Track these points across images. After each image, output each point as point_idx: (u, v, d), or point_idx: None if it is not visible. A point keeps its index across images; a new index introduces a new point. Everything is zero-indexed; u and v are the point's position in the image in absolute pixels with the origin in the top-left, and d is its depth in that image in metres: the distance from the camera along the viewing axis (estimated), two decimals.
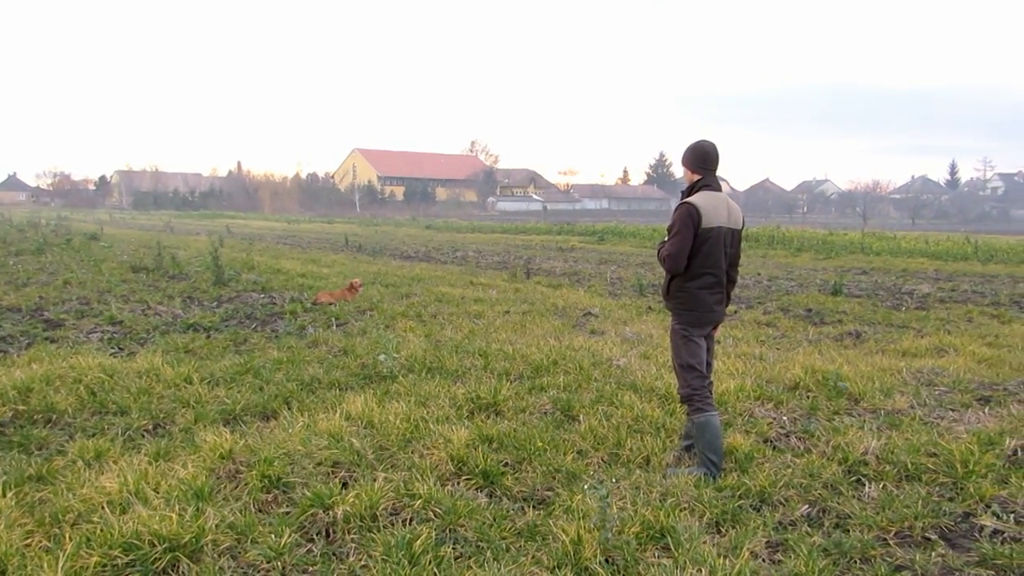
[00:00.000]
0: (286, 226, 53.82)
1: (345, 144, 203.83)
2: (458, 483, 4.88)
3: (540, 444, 5.46)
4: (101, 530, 3.93)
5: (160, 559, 3.76)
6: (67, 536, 3.92)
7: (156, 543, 3.82)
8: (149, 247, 22.05)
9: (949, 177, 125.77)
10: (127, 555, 3.75)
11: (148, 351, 8.39)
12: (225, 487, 4.75)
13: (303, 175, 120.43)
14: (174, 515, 4.06)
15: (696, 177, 5.15)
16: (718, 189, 5.17)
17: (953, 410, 6.66)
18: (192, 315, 11.01)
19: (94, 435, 5.71)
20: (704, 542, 4.11)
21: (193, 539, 3.90)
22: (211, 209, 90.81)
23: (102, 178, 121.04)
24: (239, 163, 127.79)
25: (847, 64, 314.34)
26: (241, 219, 66.68)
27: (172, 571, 3.75)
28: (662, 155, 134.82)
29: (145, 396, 6.66)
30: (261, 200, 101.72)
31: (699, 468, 5.04)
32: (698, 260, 5.03)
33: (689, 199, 5.05)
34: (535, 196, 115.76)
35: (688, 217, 4.97)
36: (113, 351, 8.55)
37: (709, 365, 5.34)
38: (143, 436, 5.79)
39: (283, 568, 3.80)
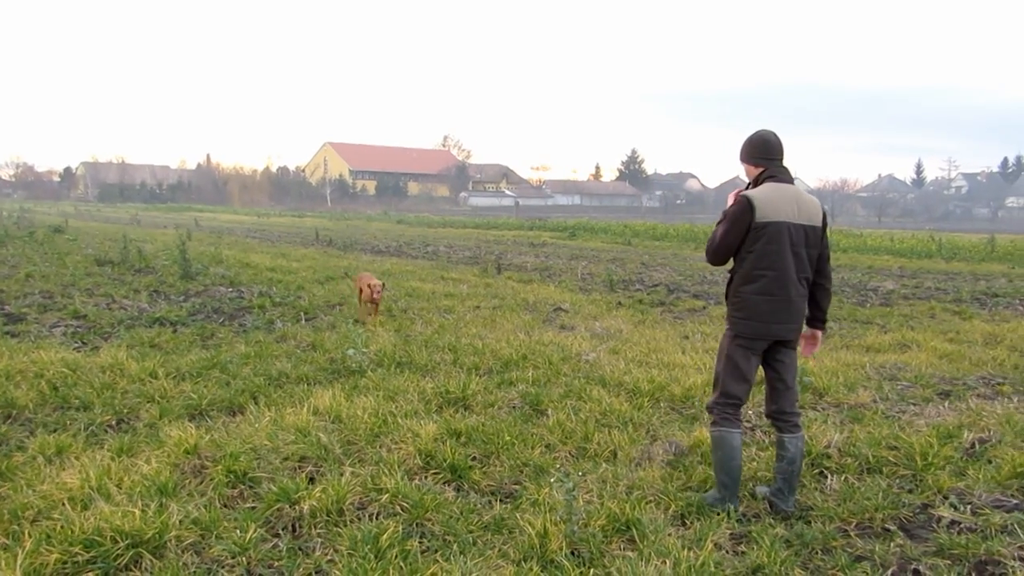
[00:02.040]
0: (256, 220, 53.30)
1: (316, 137, 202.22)
2: (426, 477, 4.89)
3: (508, 438, 5.48)
4: (62, 527, 3.87)
5: (122, 555, 3.72)
6: (26, 533, 3.85)
7: (118, 539, 3.78)
8: (115, 240, 21.71)
9: (915, 176, 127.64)
10: (88, 552, 3.70)
11: (112, 345, 8.28)
12: (190, 482, 4.71)
13: (273, 168, 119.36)
14: (137, 511, 4.02)
15: (759, 170, 4.51)
16: (788, 181, 4.48)
17: (914, 404, 6.79)
18: (158, 309, 10.88)
19: (55, 431, 5.63)
20: (669, 534, 4.15)
21: (156, 535, 3.86)
22: (179, 202, 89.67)
23: (67, 170, 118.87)
24: (208, 155, 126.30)
25: (818, 63, 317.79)
26: (210, 212, 65.93)
27: (135, 567, 3.71)
28: (634, 152, 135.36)
29: (109, 391, 6.57)
30: (230, 193, 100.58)
31: (715, 492, 4.59)
32: (751, 260, 4.36)
33: (747, 191, 4.46)
34: (507, 191, 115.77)
35: (739, 208, 4.35)
36: (76, 345, 8.42)
37: (776, 390, 4.60)
38: (106, 431, 5.71)
39: (248, 563, 3.77)
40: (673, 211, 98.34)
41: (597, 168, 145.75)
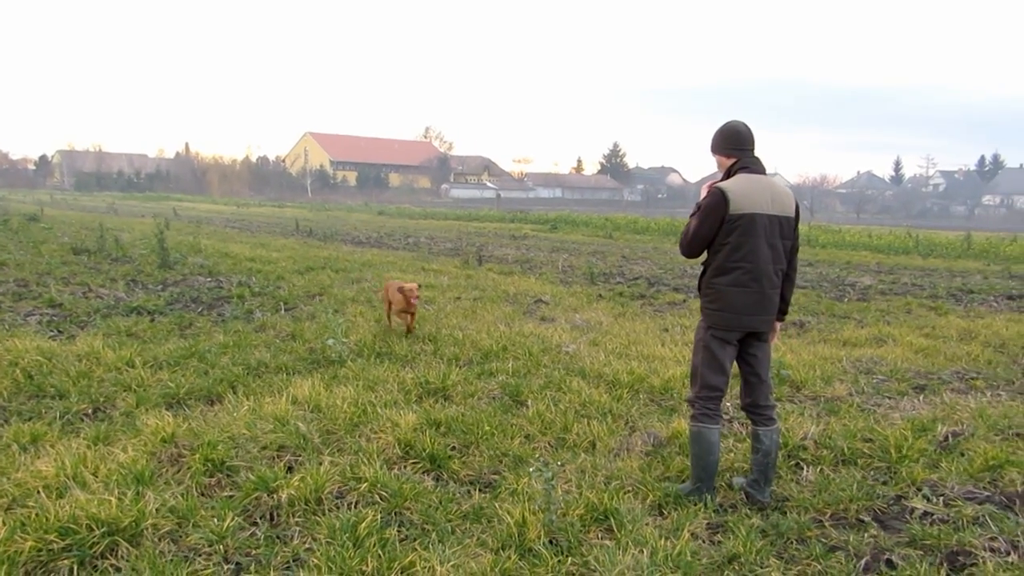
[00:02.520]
0: (235, 210, 52.91)
1: (297, 127, 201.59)
2: (405, 467, 4.89)
3: (488, 428, 5.49)
4: (36, 515, 3.84)
5: (98, 543, 3.70)
6: (1, 521, 3.82)
7: (94, 527, 3.75)
8: (92, 229, 21.48)
9: (894, 173, 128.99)
10: (64, 539, 3.67)
11: (89, 334, 8.20)
12: (167, 471, 4.68)
13: (253, 158, 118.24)
14: (113, 499, 4.00)
15: (731, 160, 4.47)
16: (761, 171, 4.45)
17: (889, 398, 6.87)
18: (136, 298, 10.79)
19: (30, 419, 5.58)
20: (647, 524, 4.18)
21: (133, 523, 3.85)
22: (157, 191, 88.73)
23: (42, 158, 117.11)
24: (187, 144, 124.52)
25: (801, 60, 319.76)
26: (189, 202, 65.34)
27: (111, 555, 3.69)
28: (616, 145, 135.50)
29: (85, 380, 6.51)
30: (210, 183, 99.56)
31: (689, 483, 4.64)
32: (725, 251, 4.32)
33: (719, 182, 4.41)
34: (489, 184, 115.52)
35: (713, 202, 4.30)
36: (52, 334, 8.34)
37: (749, 383, 4.62)
38: (82, 420, 5.67)
39: (225, 551, 3.76)
40: (654, 205, 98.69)
41: (579, 161, 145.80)
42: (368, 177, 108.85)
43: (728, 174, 4.47)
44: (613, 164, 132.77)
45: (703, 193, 4.47)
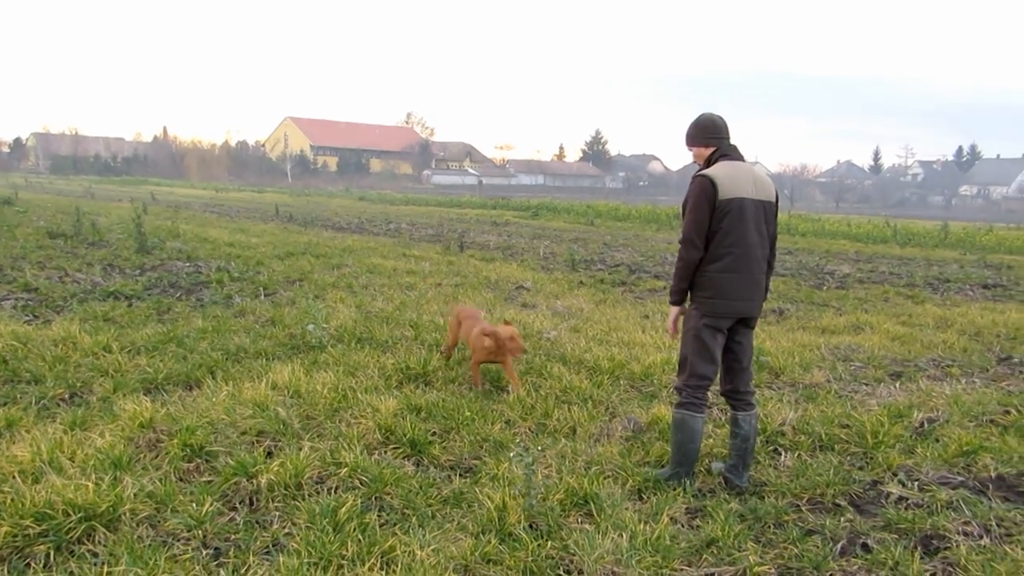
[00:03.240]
0: (214, 194, 52.41)
1: (277, 112, 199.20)
2: (385, 452, 4.89)
3: (468, 414, 5.50)
4: (12, 500, 3.81)
5: (75, 528, 3.67)
6: None
7: (71, 512, 3.72)
8: (68, 213, 21.19)
9: (873, 163, 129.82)
10: (40, 525, 3.64)
11: (65, 319, 8.11)
12: (145, 456, 4.65)
13: (232, 142, 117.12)
14: (90, 484, 3.96)
15: (710, 150, 4.48)
16: (740, 158, 4.47)
17: (866, 384, 6.94)
18: (113, 283, 10.67)
19: (5, 404, 5.51)
20: (626, 508, 4.21)
21: (110, 508, 3.82)
22: (135, 175, 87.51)
23: (17, 140, 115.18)
24: (165, 128, 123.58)
25: (784, 50, 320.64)
26: (166, 186, 64.63)
27: (88, 540, 3.66)
28: (598, 132, 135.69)
29: (61, 364, 6.44)
30: (188, 167, 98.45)
31: (668, 468, 4.67)
32: (716, 238, 4.32)
33: (703, 171, 4.40)
34: (471, 170, 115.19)
35: (700, 188, 4.29)
36: (27, 319, 8.23)
37: (732, 370, 4.61)
38: (58, 405, 5.61)
39: (204, 536, 3.75)
40: (636, 192, 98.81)
41: (561, 148, 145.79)
42: (349, 162, 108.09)
43: (708, 163, 4.47)
44: (595, 151, 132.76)
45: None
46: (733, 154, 4.46)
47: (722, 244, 4.32)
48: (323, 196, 56.08)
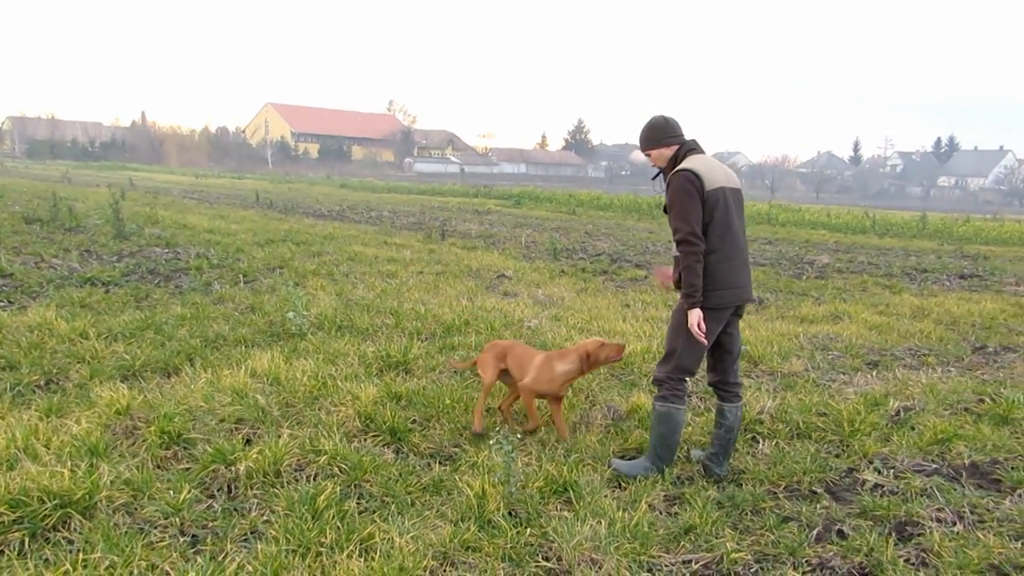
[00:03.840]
0: (193, 180, 51.92)
1: (257, 98, 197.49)
2: (365, 439, 4.88)
3: (449, 402, 5.50)
4: None
5: (50, 515, 3.64)
6: None
7: (46, 499, 3.69)
8: (44, 198, 20.93)
9: (853, 154, 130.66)
10: (14, 511, 3.61)
11: (41, 305, 8.01)
12: (121, 443, 4.62)
13: (212, 128, 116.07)
14: (66, 471, 3.93)
15: (673, 149, 4.47)
16: (703, 151, 4.49)
17: (844, 373, 7.00)
18: (90, 269, 10.56)
19: None
20: (605, 496, 4.23)
21: (86, 495, 3.79)
22: (113, 161, 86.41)
23: None
24: (143, 113, 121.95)
25: (765, 38, 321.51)
26: (145, 172, 63.97)
27: (63, 527, 3.64)
28: (580, 122, 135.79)
29: (37, 351, 6.37)
30: (167, 153, 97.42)
31: (646, 461, 4.60)
32: (710, 230, 4.29)
33: (680, 166, 4.34)
34: (453, 158, 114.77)
35: (687, 183, 4.24)
36: (2, 304, 8.14)
37: (723, 361, 4.60)
38: (34, 392, 5.55)
39: (182, 523, 3.73)
40: (618, 181, 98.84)
41: (543, 137, 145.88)
42: (330, 149, 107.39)
43: (676, 160, 4.45)
44: (577, 140, 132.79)
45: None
46: (697, 148, 4.48)
47: (715, 235, 4.30)
48: (304, 183, 55.71)
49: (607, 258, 15.35)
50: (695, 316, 4.29)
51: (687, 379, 4.53)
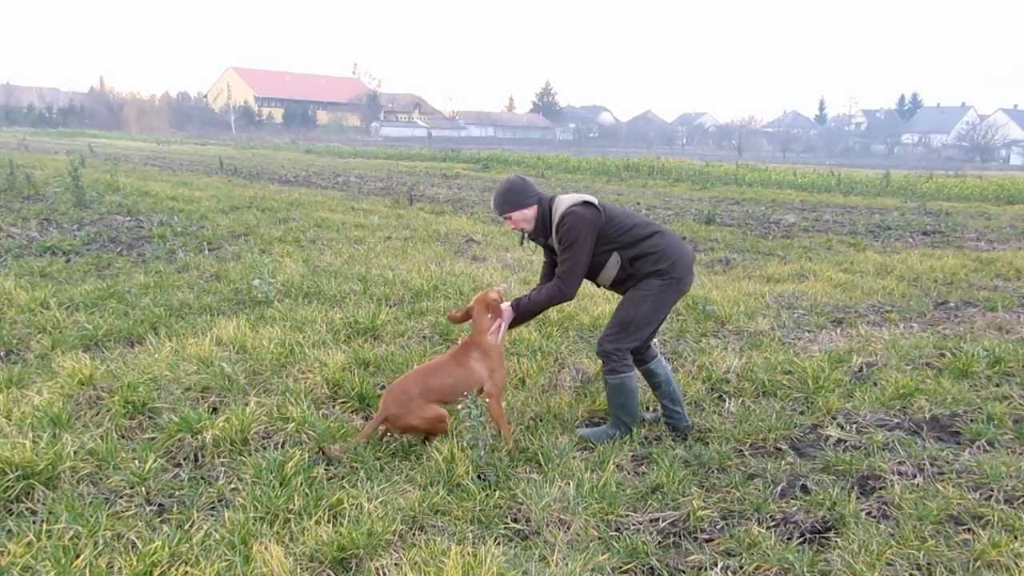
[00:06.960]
0: (155, 147, 50.92)
1: (219, 62, 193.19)
2: (333, 406, 4.86)
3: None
4: None
5: (12, 487, 3.59)
6: None
7: (8, 471, 3.64)
8: (1, 166, 20.41)
9: (818, 112, 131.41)
10: None
11: None
12: (85, 413, 4.56)
13: (173, 94, 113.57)
14: (28, 442, 3.87)
15: (534, 206, 4.45)
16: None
17: (809, 331, 7.09)
18: (50, 238, 10.35)
19: None
20: (574, 457, 4.25)
21: (49, 466, 3.74)
22: (71, 127, 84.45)
23: None
24: (102, 79, 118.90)
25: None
26: (105, 138, 62.52)
27: (26, 499, 3.59)
28: (548, 84, 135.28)
29: None
30: (127, 119, 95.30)
31: (611, 428, 4.62)
32: (635, 229, 4.42)
33: (573, 206, 4.35)
34: (420, 122, 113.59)
35: (591, 215, 4.34)
36: None
37: (653, 334, 4.77)
38: None
39: (148, 493, 3.70)
40: (586, 144, 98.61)
41: (511, 100, 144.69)
42: (295, 114, 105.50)
43: (547, 213, 4.46)
44: (545, 103, 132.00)
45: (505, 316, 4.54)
46: (552, 197, 4.55)
47: (641, 225, 4.47)
48: (269, 149, 54.83)
49: None
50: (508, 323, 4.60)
51: (632, 349, 4.58)
